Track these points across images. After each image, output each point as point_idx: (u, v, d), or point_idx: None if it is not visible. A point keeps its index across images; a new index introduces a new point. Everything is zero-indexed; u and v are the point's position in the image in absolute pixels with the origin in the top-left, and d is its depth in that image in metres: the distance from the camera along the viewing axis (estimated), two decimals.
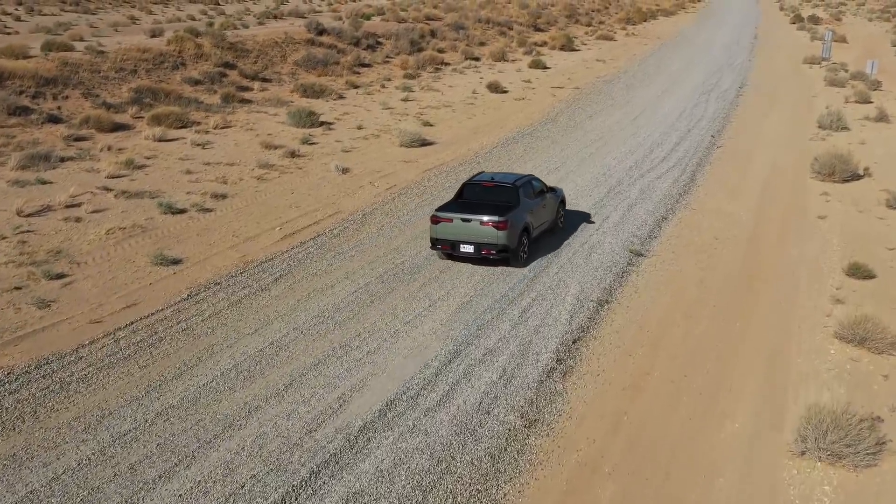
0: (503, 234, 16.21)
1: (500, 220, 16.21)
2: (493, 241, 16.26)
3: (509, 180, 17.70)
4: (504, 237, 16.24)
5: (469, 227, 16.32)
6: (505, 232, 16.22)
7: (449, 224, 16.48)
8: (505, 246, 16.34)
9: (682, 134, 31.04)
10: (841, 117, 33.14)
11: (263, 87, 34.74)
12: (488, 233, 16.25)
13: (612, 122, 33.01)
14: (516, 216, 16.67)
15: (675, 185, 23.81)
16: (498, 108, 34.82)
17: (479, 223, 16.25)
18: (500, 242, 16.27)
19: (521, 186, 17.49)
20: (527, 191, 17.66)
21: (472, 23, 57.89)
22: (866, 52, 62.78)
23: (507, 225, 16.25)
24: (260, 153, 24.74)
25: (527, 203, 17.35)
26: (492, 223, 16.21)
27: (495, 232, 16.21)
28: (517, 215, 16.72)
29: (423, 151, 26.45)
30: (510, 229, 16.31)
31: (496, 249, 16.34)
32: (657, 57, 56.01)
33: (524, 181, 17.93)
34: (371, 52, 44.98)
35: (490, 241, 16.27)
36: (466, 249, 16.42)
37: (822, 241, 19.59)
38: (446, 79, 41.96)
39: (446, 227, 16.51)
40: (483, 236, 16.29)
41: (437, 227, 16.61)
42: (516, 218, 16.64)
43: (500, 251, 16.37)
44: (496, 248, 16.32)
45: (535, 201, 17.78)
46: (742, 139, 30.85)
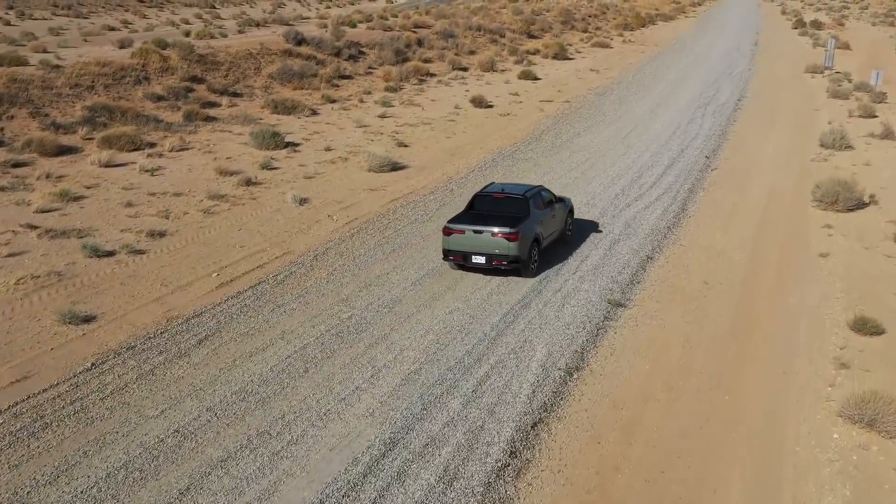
0: (514, 245, 16.49)
1: (512, 232, 16.49)
2: (505, 252, 16.53)
3: (519, 191, 17.99)
4: (515, 248, 16.51)
5: (481, 238, 16.62)
6: (516, 243, 16.49)
7: (461, 236, 16.77)
8: (516, 257, 16.61)
9: (674, 154, 29.05)
10: (844, 135, 31.14)
11: (232, 103, 32.80)
12: (500, 244, 16.54)
13: (600, 140, 31.03)
14: (527, 227, 16.96)
15: (664, 217, 21.81)
16: (480, 125, 32.84)
17: (491, 234, 16.56)
18: (511, 253, 16.54)
19: (531, 197, 17.75)
20: (536, 202, 17.89)
21: (462, 30, 55.97)
22: (870, 60, 60.79)
23: (518, 236, 16.52)
24: (213, 181, 22.78)
25: (537, 214, 17.61)
26: (503, 234, 16.51)
27: (506, 243, 16.49)
28: (528, 226, 17.00)
29: (392, 177, 24.48)
30: (521, 240, 16.61)
31: (507, 260, 16.62)
32: (653, 66, 54.02)
33: (534, 192, 18.15)
34: (353, 63, 43.05)
35: (501, 252, 16.55)
36: (478, 260, 16.73)
37: (825, 285, 17.60)
38: (430, 92, 39.98)
39: (458, 238, 16.79)
40: (494, 247, 16.58)
41: (450, 239, 16.89)
42: (527, 229, 16.93)
43: (511, 262, 16.65)
44: (507, 259, 16.61)
45: (544, 212, 18.02)
46: (739, 159, 28.86)
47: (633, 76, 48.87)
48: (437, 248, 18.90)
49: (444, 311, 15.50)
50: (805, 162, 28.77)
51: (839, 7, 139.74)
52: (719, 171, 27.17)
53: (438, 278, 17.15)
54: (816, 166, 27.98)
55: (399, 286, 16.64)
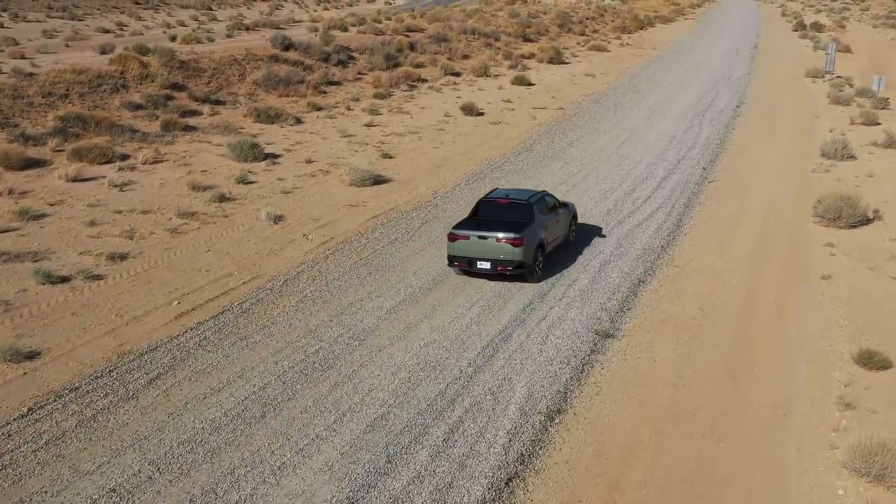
0: (519, 250, 16.60)
1: (517, 238, 16.60)
2: (510, 257, 16.63)
3: (524, 197, 18.05)
4: (520, 254, 16.61)
5: (486, 244, 16.72)
6: (521, 248, 16.61)
7: (466, 241, 16.88)
8: (521, 262, 16.70)
9: (670, 165, 27.98)
10: (846, 145, 30.06)
11: (214, 111, 31.73)
12: (505, 250, 16.63)
13: (594, 150, 29.95)
14: (531, 233, 17.04)
15: (658, 235, 20.73)
16: (470, 134, 31.76)
17: (496, 240, 16.64)
18: (516, 259, 16.64)
19: (535, 203, 17.83)
20: (541, 207, 17.98)
21: (455, 34, 54.89)
22: (871, 64, 59.75)
23: (522, 242, 16.63)
24: (184, 197, 21.71)
25: (541, 219, 17.70)
26: (508, 240, 16.58)
27: (511, 249, 16.60)
28: (532, 232, 17.09)
29: (374, 192, 23.40)
30: (526, 246, 16.69)
31: (512, 266, 16.71)
32: (651, 70, 52.96)
33: (538, 197, 18.21)
34: (342, 69, 41.97)
35: (506, 257, 16.64)
36: (483, 266, 16.84)
37: (827, 311, 16.53)
38: (420, 98, 38.92)
39: (463, 244, 16.90)
40: (499, 253, 16.66)
41: (455, 245, 17.00)
42: (531, 234, 17.01)
43: (516, 267, 16.75)
44: (512, 265, 16.70)
45: (548, 217, 18.12)
46: (737, 171, 27.79)
47: (629, 81, 47.80)
48: (416, 270, 17.87)
49: (419, 343, 14.43)
50: (806, 173, 27.71)
51: (840, 9, 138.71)
52: (717, 184, 26.10)
53: (415, 305, 16.09)
54: (817, 178, 26.92)
55: (372, 315, 15.57)
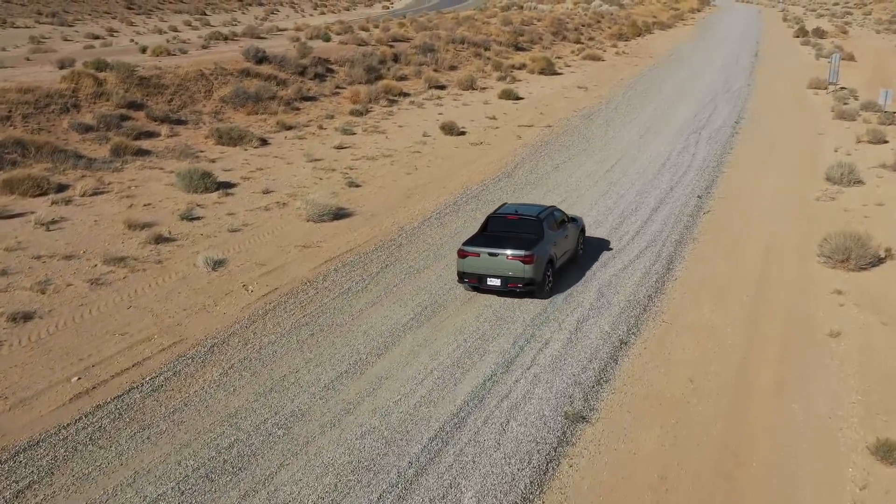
0: (530, 267, 16.51)
1: (527, 255, 16.51)
2: (521, 274, 16.53)
3: (533, 212, 17.98)
4: (531, 271, 16.53)
5: (496, 261, 16.63)
6: (532, 265, 16.52)
7: (476, 258, 16.78)
8: (532, 279, 16.61)
9: (662, 193, 25.75)
10: (853, 168, 27.82)
11: (173, 132, 29.53)
12: (515, 267, 16.53)
13: (580, 175, 27.72)
14: (541, 249, 16.94)
15: (645, 282, 18.50)
16: (448, 156, 29.54)
17: (506, 257, 16.55)
18: (526, 276, 16.55)
19: (544, 219, 17.73)
20: (550, 222, 17.88)
21: (443, 44, 52.70)
22: (876, 73, 57.60)
23: (533, 259, 16.54)
24: (118, 237, 19.49)
25: (550, 235, 17.61)
26: (518, 257, 16.49)
27: (522, 266, 16.49)
28: (542, 248, 17.00)
29: (333, 228, 21.18)
30: (536, 263, 16.60)
31: (523, 283, 16.60)
32: (646, 81, 50.75)
33: (547, 213, 18.11)
34: (319, 83, 39.77)
35: (517, 274, 16.54)
36: (493, 283, 16.74)
37: (836, 382, 14.31)
38: (400, 115, 36.71)
39: (473, 261, 16.80)
40: (510, 270, 16.56)
41: (465, 262, 16.91)
42: (542, 251, 16.92)
43: (526, 284, 16.63)
44: (523, 282, 16.59)
45: (557, 233, 18.03)
46: (735, 199, 25.55)
47: (623, 94, 45.59)
48: (367, 329, 15.68)
49: (355, 433, 12.20)
50: (809, 201, 25.48)
51: (842, 13, 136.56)
52: (712, 216, 23.87)
53: (358, 377, 13.87)
54: (822, 208, 24.71)
55: (306, 392, 13.34)
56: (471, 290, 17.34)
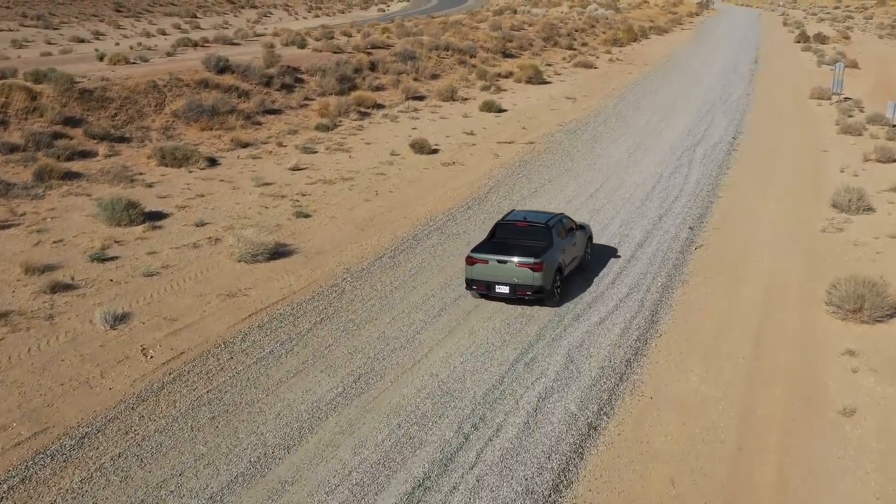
0: (539, 275, 16.33)
1: (536, 262, 16.33)
2: (530, 282, 16.35)
3: (542, 220, 17.79)
4: (540, 278, 16.34)
5: (505, 268, 16.43)
6: (541, 273, 16.34)
7: (484, 265, 16.58)
8: (541, 287, 16.41)
9: (650, 224, 23.00)
10: (862, 194, 25.08)
11: (113, 151, 26.79)
12: (524, 274, 16.35)
13: (560, 201, 24.95)
14: (550, 257, 16.78)
15: (624, 341, 15.75)
16: (415, 179, 26.80)
17: (515, 265, 16.36)
18: (535, 284, 16.36)
19: (553, 226, 17.56)
20: (558, 230, 17.70)
21: (425, 51, 49.97)
22: (881, 82, 54.97)
23: (542, 266, 16.34)
24: (10, 285, 16.72)
25: (559, 242, 17.45)
26: (527, 265, 16.31)
27: (531, 273, 16.33)
28: (551, 256, 16.84)
29: (268, 271, 18.43)
30: (545, 271, 16.42)
31: (532, 291, 16.41)
32: (639, 91, 48.02)
33: (556, 220, 17.92)
34: (286, 94, 37.02)
35: (526, 282, 16.36)
36: (502, 290, 16.56)
37: (853, 485, 11.56)
38: (370, 130, 33.97)
39: (482, 268, 16.59)
40: (519, 277, 16.38)
41: (473, 269, 16.69)
42: (551, 258, 16.75)
43: (535, 292, 16.44)
44: (532, 290, 16.40)
45: (565, 240, 17.83)
46: (731, 231, 22.82)
47: (614, 105, 42.84)
48: (281, 410, 12.94)
49: None
50: (814, 232, 22.76)
51: (843, 17, 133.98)
52: (705, 251, 21.14)
53: (255, 483, 11.10)
54: (829, 241, 21.99)
55: None
56: (478, 298, 17.10)
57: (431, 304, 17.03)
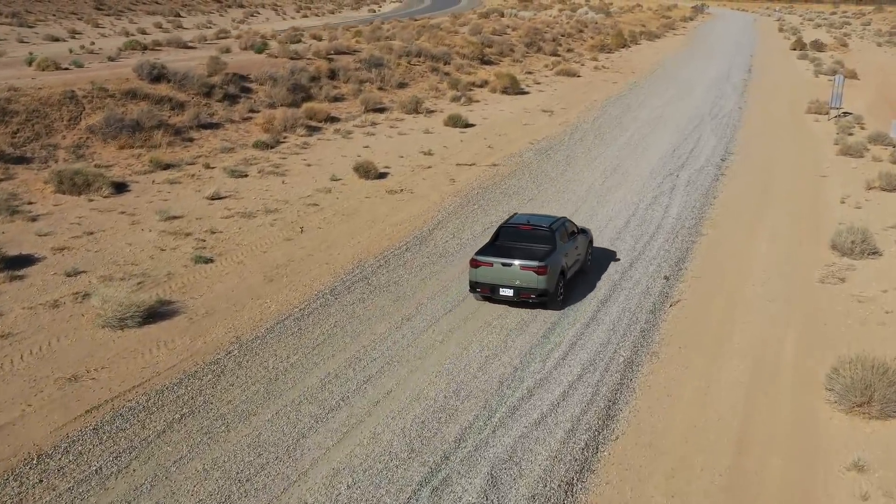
0: (543, 278, 16.34)
1: (541, 266, 16.35)
2: (534, 285, 16.33)
3: (545, 223, 17.78)
4: (544, 282, 16.34)
5: (509, 271, 16.41)
6: (545, 276, 16.34)
7: (489, 268, 16.54)
8: (545, 290, 16.40)
9: (618, 273, 19.49)
10: (866, 235, 21.65)
11: (6, 175, 23.20)
12: (528, 277, 16.33)
13: None
14: (554, 260, 16.75)
15: (567, 449, 12.18)
16: (352, 211, 23.22)
17: (520, 268, 16.35)
18: (539, 287, 16.35)
19: (556, 230, 17.58)
20: (561, 234, 17.71)
21: (394, 57, 46.40)
22: (881, 94, 51.70)
23: (546, 270, 16.35)
24: None
25: (562, 246, 17.44)
26: (532, 268, 16.31)
27: (535, 277, 16.32)
28: (555, 259, 16.80)
29: (136, 340, 14.84)
30: (549, 274, 16.38)
31: (536, 294, 16.39)
32: (623, 103, 44.53)
33: (559, 224, 17.94)
34: (229, 105, 33.45)
35: (530, 285, 16.34)
36: (506, 293, 16.55)
37: None
38: (316, 148, 30.41)
39: (486, 271, 16.56)
40: (523, 281, 16.34)
41: (478, 271, 16.65)
42: (554, 262, 16.71)
43: (539, 295, 16.42)
44: (536, 293, 16.39)
45: (568, 244, 17.86)
46: (714, 281, 19.34)
47: (594, 120, 39.33)
48: None
49: None
50: (811, 285, 19.31)
51: (840, 23, 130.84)
52: (682, 309, 17.65)
53: None
54: (829, 295, 18.55)
55: None
56: (481, 300, 17.12)
57: (330, 392, 13.48)
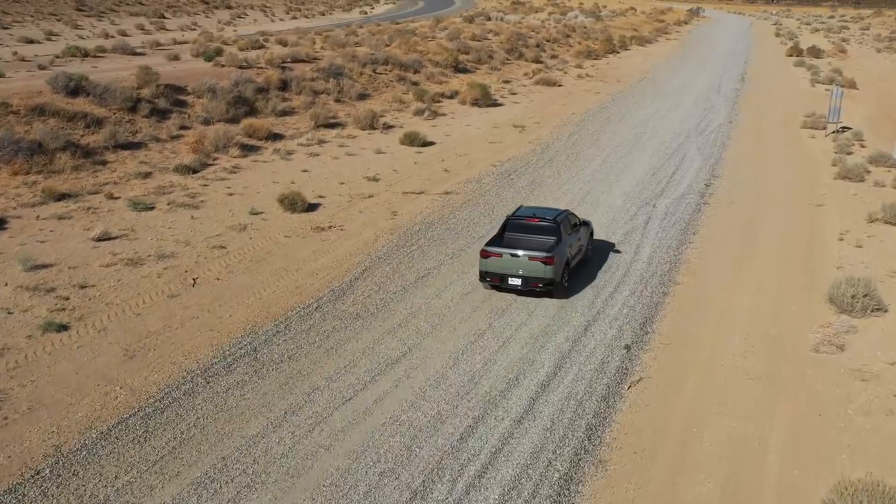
0: (550, 268, 17.01)
1: (548, 256, 17.05)
2: (541, 275, 17.06)
3: (550, 216, 18.48)
4: (551, 271, 17.03)
5: (518, 261, 17.14)
6: (552, 266, 17.01)
7: (498, 259, 17.28)
8: (551, 279, 17.10)
9: (568, 342, 15.98)
10: (870, 288, 18.23)
11: None
12: (536, 267, 17.05)
13: (450, 299, 17.89)
14: (560, 251, 17.49)
15: None
16: (264, 255, 19.69)
17: (528, 258, 17.06)
18: (546, 276, 17.06)
19: (561, 222, 18.28)
20: (566, 226, 18.44)
21: (357, 66, 42.87)
22: (882, 106, 48.33)
23: (553, 260, 17.03)
24: None
25: (567, 238, 18.14)
26: (539, 258, 17.02)
27: (543, 266, 17.01)
28: (560, 250, 17.55)
29: None
30: (556, 264, 17.07)
31: (543, 283, 17.11)
32: (603, 117, 41.06)
33: (563, 216, 18.69)
34: (158, 122, 29.94)
35: (537, 275, 17.08)
36: (514, 283, 17.28)
37: None
38: (247, 172, 26.89)
39: (496, 261, 17.29)
40: (531, 270, 17.08)
41: (488, 262, 17.38)
42: (560, 252, 17.46)
43: (546, 284, 17.13)
44: (543, 282, 17.11)
45: (572, 235, 18.58)
46: (684, 352, 15.87)
47: (568, 137, 35.85)
48: None
49: None
50: (803, 355, 15.90)
51: (838, 27, 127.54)
52: (642, 392, 14.18)
53: None
54: (824, 372, 15.15)
55: None
56: (491, 289, 17.75)
57: None
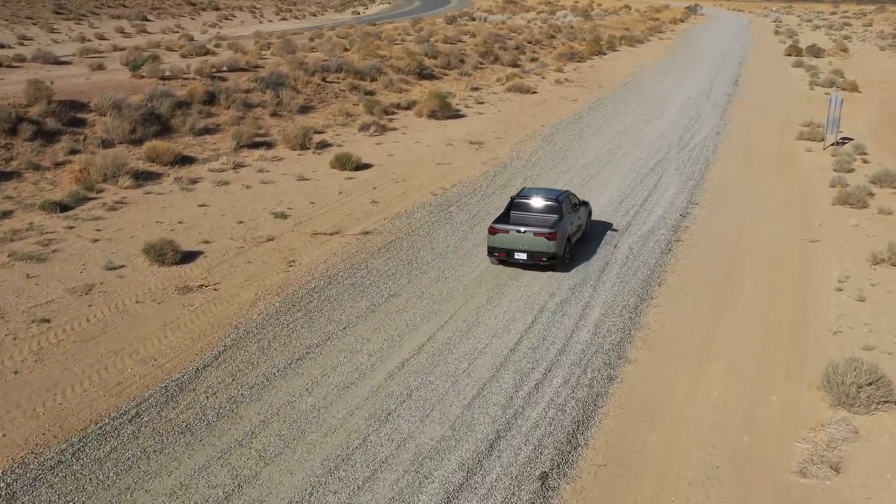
0: (553, 243, 18.47)
1: (551, 232, 18.50)
2: (545, 249, 18.48)
3: (553, 196, 19.92)
4: (554, 246, 18.49)
5: (524, 237, 18.53)
6: (555, 242, 18.48)
7: (505, 235, 18.63)
8: (554, 254, 18.56)
9: (460, 469, 11.71)
10: (875, 375, 14.06)
11: None
12: (540, 243, 18.48)
13: (322, 395, 13.61)
14: (562, 227, 18.91)
15: None
16: (94, 335, 15.33)
17: (533, 234, 18.46)
18: (550, 251, 18.49)
19: (562, 201, 19.73)
20: (567, 205, 19.87)
21: (303, 75, 38.57)
22: (886, 112, 43.91)
23: (556, 236, 18.50)
24: None
25: (568, 216, 19.57)
26: (544, 234, 18.45)
27: (547, 242, 18.45)
28: (563, 226, 18.98)
29: None
30: (559, 239, 18.55)
31: (547, 257, 18.56)
32: (575, 130, 36.70)
33: (564, 196, 20.07)
34: (43, 145, 25.67)
35: (542, 249, 18.51)
36: (520, 257, 18.67)
37: None
38: (129, 209, 22.58)
39: (503, 237, 18.66)
40: (536, 246, 18.51)
41: (495, 238, 18.71)
42: (562, 229, 18.87)
43: (549, 258, 18.59)
44: (547, 256, 18.55)
45: (573, 214, 20.01)
46: (621, 480, 11.57)
47: (531, 154, 31.52)
48: None
49: None
50: (785, 481, 11.67)
51: (840, 24, 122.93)
52: None
53: None
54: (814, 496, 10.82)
55: None
56: (498, 264, 19.02)
57: None
